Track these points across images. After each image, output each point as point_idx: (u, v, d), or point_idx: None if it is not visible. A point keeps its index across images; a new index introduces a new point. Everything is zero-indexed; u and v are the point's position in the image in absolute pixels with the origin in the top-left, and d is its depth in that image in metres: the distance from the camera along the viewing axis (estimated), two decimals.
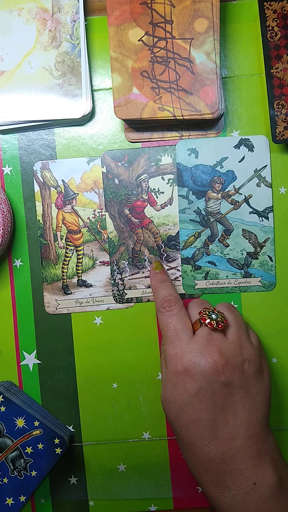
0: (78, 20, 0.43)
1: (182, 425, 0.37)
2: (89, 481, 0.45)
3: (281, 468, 0.37)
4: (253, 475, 0.35)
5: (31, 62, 0.43)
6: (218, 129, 0.45)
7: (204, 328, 0.39)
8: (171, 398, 0.37)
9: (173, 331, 0.39)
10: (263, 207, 0.45)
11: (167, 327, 0.39)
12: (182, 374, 0.37)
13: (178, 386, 0.37)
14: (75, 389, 0.45)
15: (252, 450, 0.36)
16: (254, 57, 0.44)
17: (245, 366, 0.38)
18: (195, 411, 0.36)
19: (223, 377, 0.36)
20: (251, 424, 0.37)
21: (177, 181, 0.45)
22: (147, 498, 0.45)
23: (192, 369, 0.37)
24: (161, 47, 0.41)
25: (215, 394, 0.36)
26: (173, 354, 0.38)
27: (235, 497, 0.35)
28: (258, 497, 0.35)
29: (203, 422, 0.36)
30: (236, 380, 0.37)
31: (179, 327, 0.39)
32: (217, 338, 0.38)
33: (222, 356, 0.37)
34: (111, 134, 0.45)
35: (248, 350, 0.38)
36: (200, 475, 0.37)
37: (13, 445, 0.42)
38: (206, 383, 0.36)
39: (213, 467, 0.36)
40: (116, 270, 0.45)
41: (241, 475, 0.35)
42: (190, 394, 0.36)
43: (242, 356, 0.38)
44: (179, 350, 0.38)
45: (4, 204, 0.43)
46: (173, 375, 0.37)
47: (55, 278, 0.45)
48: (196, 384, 0.36)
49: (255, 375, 0.38)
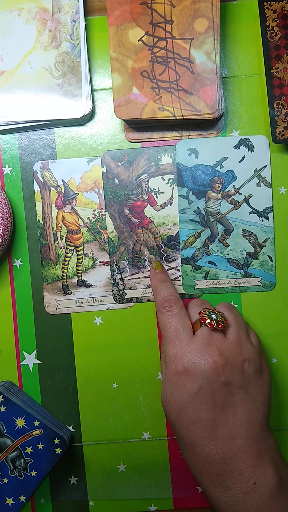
0: (78, 20, 0.43)
1: (182, 425, 0.37)
2: (89, 481, 0.45)
3: (281, 468, 0.37)
4: (253, 475, 0.35)
5: (31, 62, 0.43)
6: (218, 129, 0.45)
7: (204, 328, 0.39)
8: (171, 398, 0.37)
9: (173, 331, 0.39)
10: (263, 207, 0.45)
11: (167, 327, 0.39)
12: (182, 374, 0.37)
13: (178, 386, 0.37)
14: (75, 389, 0.45)
15: (252, 450, 0.36)
16: (254, 57, 0.44)
17: (245, 366, 0.38)
18: (195, 411, 0.36)
19: (223, 377, 0.36)
20: (251, 424, 0.37)
21: (177, 181, 0.45)
22: (147, 498, 0.45)
23: (192, 369, 0.37)
24: (161, 47, 0.41)
25: (215, 394, 0.36)
26: (173, 354, 0.38)
27: (236, 497, 0.35)
28: (259, 497, 0.35)
29: (203, 422, 0.36)
30: (236, 380, 0.37)
31: (179, 327, 0.39)
32: (217, 338, 0.38)
33: (222, 356, 0.37)
34: (111, 134, 0.45)
35: (248, 350, 0.38)
36: (201, 475, 0.37)
37: (13, 445, 0.42)
38: (206, 383, 0.36)
39: (213, 467, 0.36)
40: (116, 270, 0.45)
41: (241, 475, 0.35)
42: (190, 394, 0.36)
43: (242, 356, 0.38)
44: (179, 350, 0.38)
45: (4, 204, 0.43)
46: (173, 375, 0.37)
47: (55, 278, 0.45)
48: (196, 384, 0.36)
49: (255, 375, 0.38)
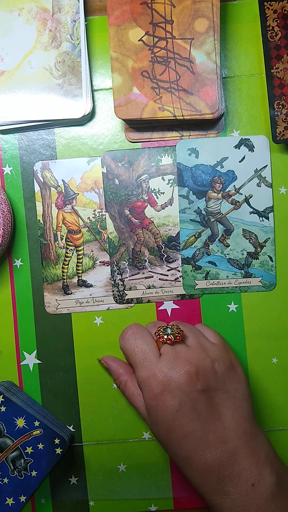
0: (79, 20, 0.43)
1: (174, 442, 0.37)
2: (89, 481, 0.45)
3: (277, 466, 0.37)
4: (251, 476, 0.35)
5: (31, 62, 0.43)
6: (218, 129, 0.45)
7: (166, 345, 0.39)
8: (157, 420, 0.37)
9: (141, 354, 0.39)
10: (263, 207, 0.45)
11: (135, 351, 0.39)
12: (160, 395, 0.37)
13: (159, 407, 0.37)
14: (75, 389, 0.46)
15: (246, 450, 0.36)
16: (254, 57, 0.44)
17: (216, 366, 0.38)
18: (182, 426, 0.36)
19: (199, 385, 0.36)
20: (238, 422, 0.37)
21: (177, 181, 0.45)
22: (147, 498, 0.45)
23: (168, 386, 0.36)
24: (161, 47, 0.41)
25: (197, 404, 0.36)
26: (146, 377, 0.37)
27: (235, 501, 0.35)
28: (258, 498, 0.35)
29: (192, 434, 0.36)
30: (212, 383, 0.37)
31: (145, 348, 0.39)
32: (181, 349, 0.38)
33: (191, 364, 0.37)
34: (111, 134, 0.45)
35: (212, 350, 0.39)
36: (200, 485, 0.36)
37: (13, 445, 0.42)
38: (185, 396, 0.36)
39: (212, 475, 0.36)
40: (116, 271, 0.45)
41: (240, 477, 0.35)
42: (172, 412, 0.36)
43: (209, 358, 0.38)
44: (151, 373, 0.37)
45: (4, 204, 0.43)
46: (151, 399, 0.37)
47: (55, 278, 0.45)
48: (176, 400, 0.36)
49: (228, 372, 0.38)
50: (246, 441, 0.36)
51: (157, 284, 0.45)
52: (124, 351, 0.40)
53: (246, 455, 0.36)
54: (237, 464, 0.35)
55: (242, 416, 0.37)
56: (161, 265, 0.45)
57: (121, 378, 0.42)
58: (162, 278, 0.45)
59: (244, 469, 0.35)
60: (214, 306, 0.45)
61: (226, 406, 0.37)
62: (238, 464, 0.35)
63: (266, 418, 0.45)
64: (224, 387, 0.38)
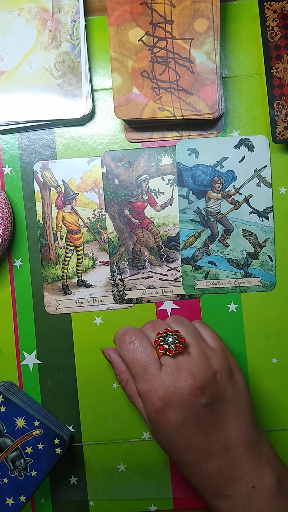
0: (78, 20, 0.43)
1: (176, 452, 0.36)
2: (89, 481, 0.45)
3: (277, 466, 0.37)
4: (251, 479, 0.35)
5: (31, 62, 0.43)
6: (218, 129, 0.45)
7: (167, 357, 0.37)
8: (159, 431, 0.36)
9: (141, 366, 0.37)
10: (263, 207, 0.45)
11: (134, 364, 0.37)
12: (162, 410, 0.36)
13: (161, 421, 0.36)
14: (75, 389, 0.46)
15: (248, 455, 0.36)
16: (254, 57, 0.44)
17: (218, 377, 0.37)
18: (185, 438, 0.36)
19: (203, 399, 0.35)
20: (241, 429, 0.36)
21: (177, 181, 0.45)
22: (147, 498, 0.45)
23: (170, 401, 0.35)
24: (161, 47, 0.41)
25: (200, 417, 0.35)
26: (146, 391, 0.36)
27: (236, 503, 0.35)
28: (258, 500, 0.35)
29: (195, 446, 0.36)
30: (216, 395, 0.36)
31: (145, 359, 0.37)
32: (183, 361, 0.37)
33: (195, 378, 0.36)
34: (111, 134, 0.45)
35: (214, 359, 0.37)
36: (202, 489, 0.36)
37: (13, 445, 0.42)
38: (188, 411, 0.35)
39: (213, 481, 0.36)
40: (116, 271, 0.45)
41: (240, 481, 0.35)
42: (175, 426, 0.35)
43: (212, 368, 0.37)
44: (152, 386, 0.36)
45: (4, 204, 0.43)
46: (153, 412, 0.36)
47: (55, 278, 0.45)
48: (179, 415, 0.35)
49: (229, 381, 0.37)
50: (249, 446, 0.36)
51: (157, 284, 0.45)
52: (123, 360, 0.39)
53: (247, 459, 0.36)
54: (238, 469, 0.35)
55: (245, 423, 0.37)
56: (161, 265, 0.45)
57: (123, 375, 0.40)
58: (162, 278, 0.45)
59: (245, 473, 0.35)
60: (214, 306, 0.45)
61: (229, 415, 0.36)
62: (240, 469, 0.35)
63: (266, 418, 0.45)
64: (227, 396, 0.37)
